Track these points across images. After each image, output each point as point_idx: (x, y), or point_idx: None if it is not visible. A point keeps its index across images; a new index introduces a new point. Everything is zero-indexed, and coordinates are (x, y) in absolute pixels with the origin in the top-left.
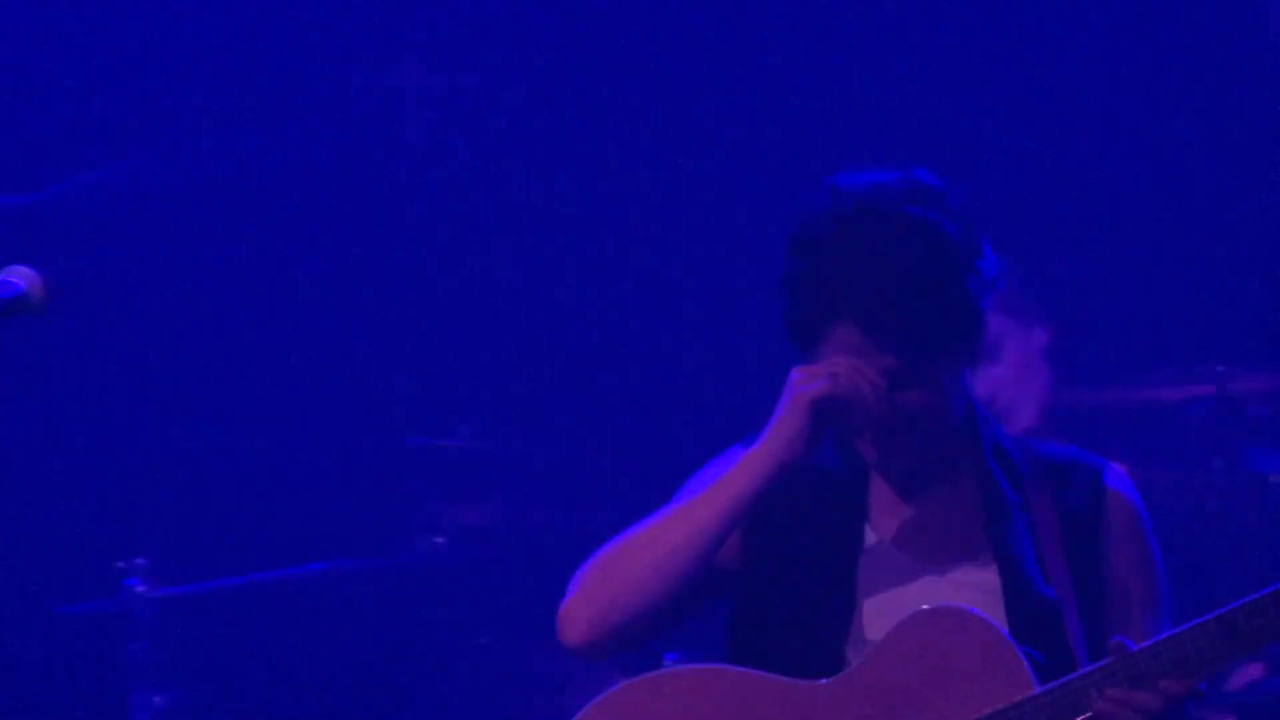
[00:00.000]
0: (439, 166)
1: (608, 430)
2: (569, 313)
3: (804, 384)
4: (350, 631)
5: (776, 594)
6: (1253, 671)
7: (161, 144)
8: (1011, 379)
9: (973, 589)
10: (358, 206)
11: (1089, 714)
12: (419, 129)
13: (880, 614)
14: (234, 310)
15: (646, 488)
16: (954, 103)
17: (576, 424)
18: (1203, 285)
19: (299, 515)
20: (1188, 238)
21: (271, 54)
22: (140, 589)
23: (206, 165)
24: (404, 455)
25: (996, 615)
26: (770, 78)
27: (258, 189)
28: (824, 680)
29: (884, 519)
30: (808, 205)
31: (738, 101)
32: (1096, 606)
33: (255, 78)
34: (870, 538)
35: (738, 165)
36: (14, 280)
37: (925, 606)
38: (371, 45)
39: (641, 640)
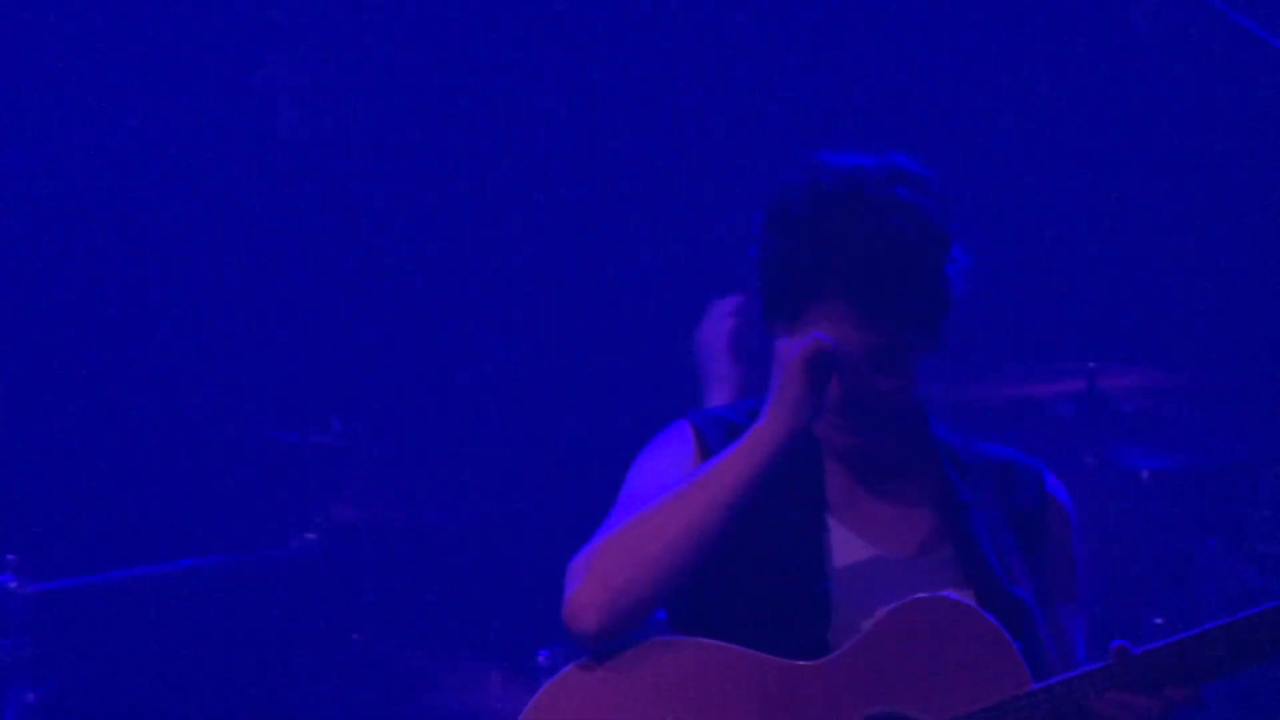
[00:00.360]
0: (306, 162)
1: (481, 427)
2: (441, 308)
3: (793, 350)
4: (223, 628)
5: (745, 583)
6: None
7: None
8: None
9: (942, 585)
10: (229, 201)
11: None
12: (287, 123)
13: (856, 604)
14: (107, 305)
15: (520, 484)
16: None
17: (450, 421)
18: (1074, 282)
19: (171, 511)
20: (1059, 234)
21: (123, 49)
22: (12, 585)
23: (66, 158)
24: (277, 451)
25: None
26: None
27: (129, 181)
28: (813, 661)
29: (843, 508)
30: (789, 183)
31: (617, 93)
32: (1048, 606)
33: (113, 73)
34: (832, 526)
35: (605, 152)
36: None
37: (921, 595)
38: (241, 42)
39: (645, 622)
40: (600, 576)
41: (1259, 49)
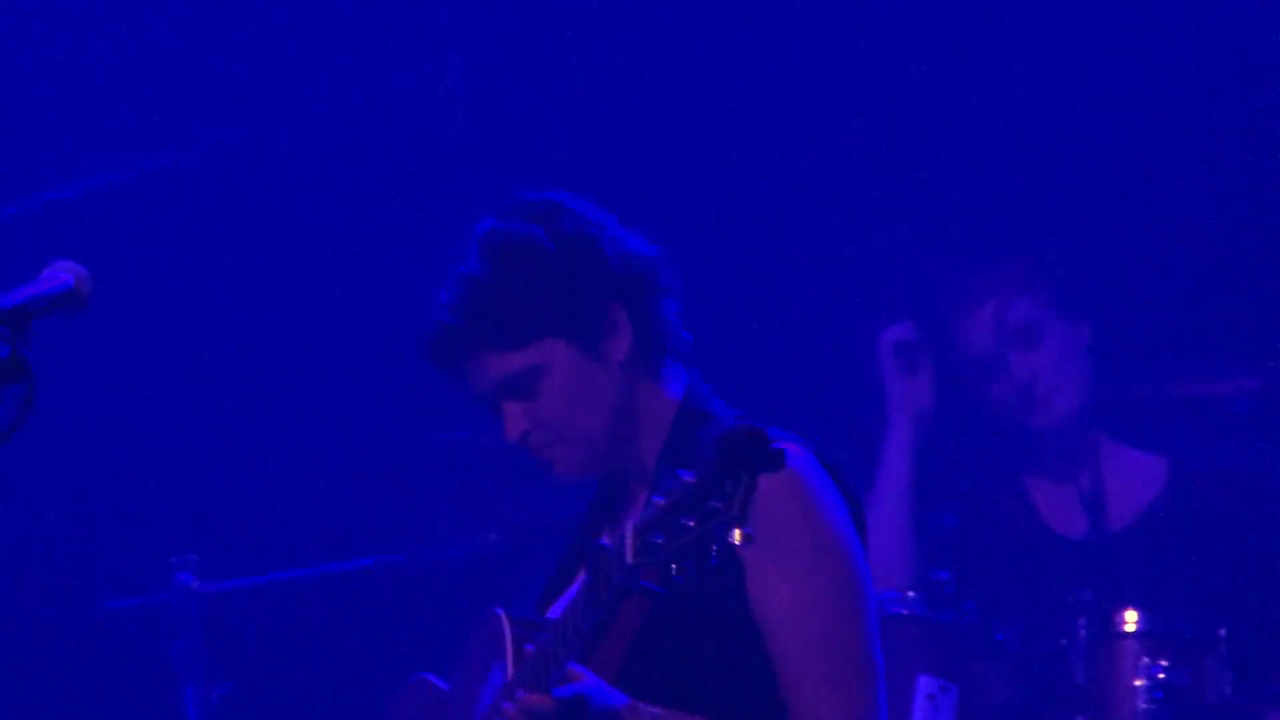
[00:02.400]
0: (475, 160)
1: None
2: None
3: None
4: (402, 626)
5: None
6: None
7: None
8: (1050, 367)
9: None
10: (386, 203)
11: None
12: (449, 123)
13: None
14: (282, 311)
15: None
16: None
17: None
18: (1254, 279)
19: (350, 510)
20: (1240, 232)
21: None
22: (193, 584)
23: (234, 158)
24: (457, 450)
25: None
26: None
27: (286, 181)
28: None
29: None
30: None
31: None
32: (747, 596)
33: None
34: (597, 518)
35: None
36: (62, 275)
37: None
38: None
39: None
40: None
41: None
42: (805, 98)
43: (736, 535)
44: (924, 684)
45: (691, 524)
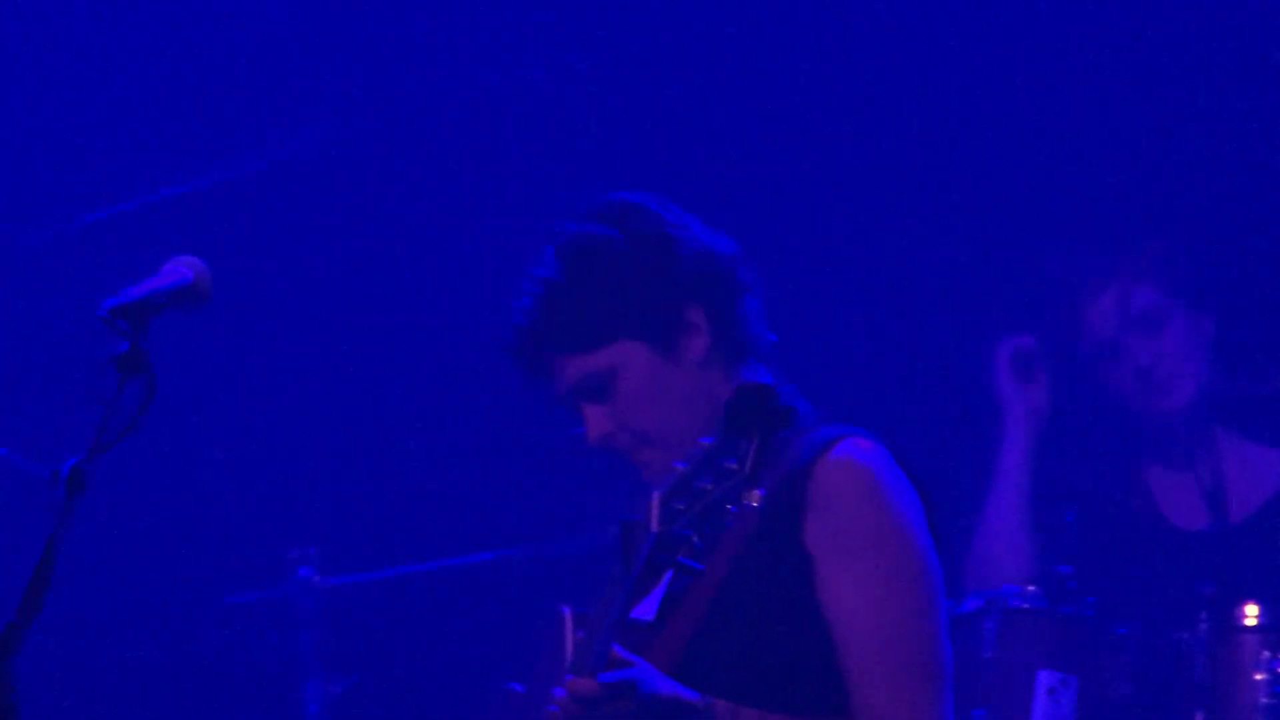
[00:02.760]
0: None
1: None
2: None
3: None
4: (522, 620)
5: None
6: None
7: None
8: (1171, 355)
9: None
10: (513, 198)
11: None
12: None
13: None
14: (401, 302)
15: None
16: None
17: None
18: None
19: (471, 504)
20: None
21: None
22: (313, 578)
23: (357, 153)
24: (576, 445)
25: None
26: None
27: (408, 181)
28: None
29: None
30: None
31: None
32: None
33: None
34: None
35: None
36: (182, 270)
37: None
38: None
39: None
40: None
41: None
42: (930, 87)
43: (754, 497)
44: (1044, 678)
45: (709, 486)
